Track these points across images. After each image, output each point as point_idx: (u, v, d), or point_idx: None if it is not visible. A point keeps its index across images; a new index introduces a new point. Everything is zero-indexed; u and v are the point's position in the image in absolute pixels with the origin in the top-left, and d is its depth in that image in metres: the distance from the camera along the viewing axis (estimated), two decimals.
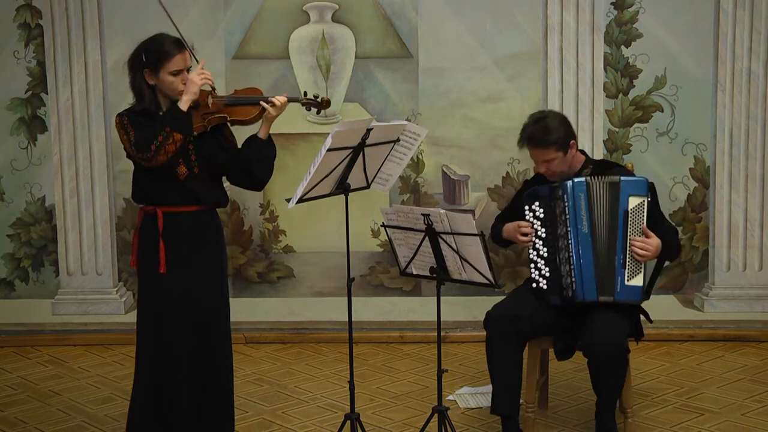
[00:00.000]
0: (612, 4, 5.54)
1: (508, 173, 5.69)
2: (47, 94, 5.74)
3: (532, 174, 5.49)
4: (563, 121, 4.37)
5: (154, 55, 3.86)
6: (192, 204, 3.92)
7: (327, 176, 3.96)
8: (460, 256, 3.84)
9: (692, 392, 4.93)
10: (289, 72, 5.67)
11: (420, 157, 5.69)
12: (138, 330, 4.04)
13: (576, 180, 4.21)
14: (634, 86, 5.59)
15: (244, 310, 5.82)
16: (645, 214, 4.18)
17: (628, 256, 4.17)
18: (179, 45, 3.88)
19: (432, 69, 5.64)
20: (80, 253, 5.84)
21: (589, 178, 4.22)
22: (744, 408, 4.72)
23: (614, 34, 5.55)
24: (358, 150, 3.98)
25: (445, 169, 5.72)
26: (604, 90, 5.58)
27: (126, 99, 5.60)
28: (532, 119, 4.36)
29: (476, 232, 3.76)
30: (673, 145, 5.61)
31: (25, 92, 5.76)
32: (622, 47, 5.56)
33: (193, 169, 3.90)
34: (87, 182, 5.78)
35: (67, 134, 5.75)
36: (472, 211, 5.65)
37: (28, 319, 5.89)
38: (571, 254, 4.18)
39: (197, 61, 3.93)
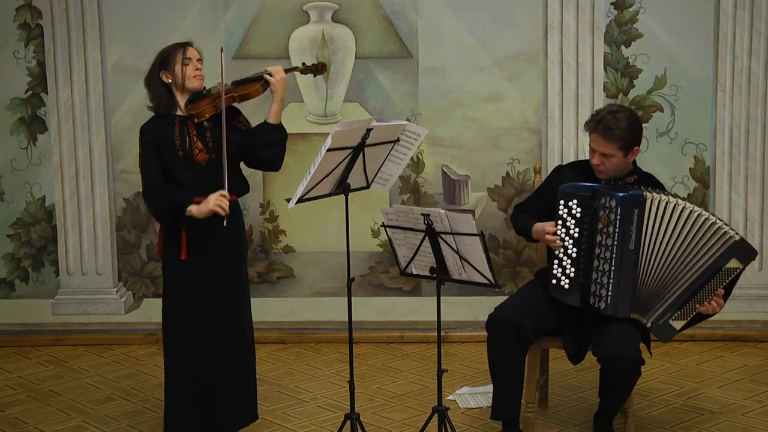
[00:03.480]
0: (612, 4, 5.54)
1: (508, 173, 5.69)
2: (47, 94, 5.74)
3: (532, 174, 5.50)
4: (636, 122, 4.22)
5: (164, 56, 4.12)
6: (212, 192, 4.04)
7: (327, 176, 3.97)
8: (460, 256, 3.84)
9: (692, 392, 4.93)
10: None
11: (420, 157, 5.69)
12: (165, 321, 4.20)
13: (631, 192, 4.03)
14: (634, 86, 5.59)
15: None
16: (731, 279, 4.00)
17: (691, 301, 4.03)
18: (183, 43, 4.15)
19: (432, 69, 5.64)
20: (80, 253, 5.83)
21: (655, 196, 4.03)
22: (744, 408, 4.72)
23: (614, 34, 5.55)
24: (358, 150, 3.98)
25: (445, 169, 5.72)
26: (604, 90, 5.58)
27: (126, 99, 5.66)
28: (609, 109, 4.21)
29: (476, 232, 3.76)
30: (673, 145, 5.61)
31: (25, 92, 5.76)
32: (622, 47, 5.56)
33: (212, 154, 4.07)
34: (87, 182, 5.78)
35: (67, 134, 5.75)
36: (472, 211, 5.66)
37: (28, 319, 5.89)
38: (612, 268, 4.06)
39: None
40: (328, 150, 3.85)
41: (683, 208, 4.01)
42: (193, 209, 3.99)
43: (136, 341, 5.79)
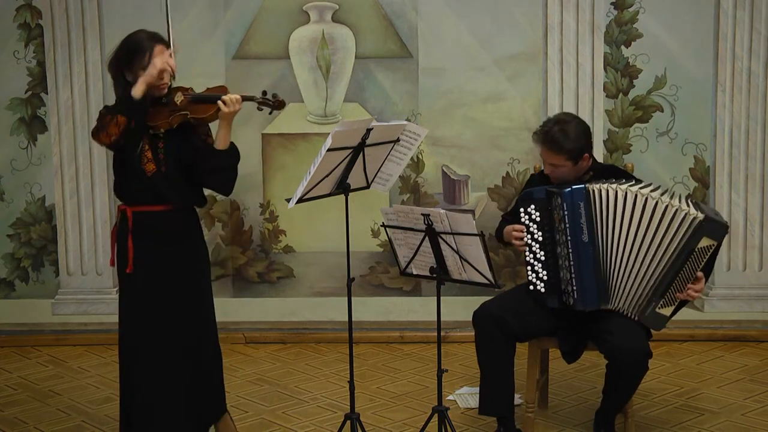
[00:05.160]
0: (612, 4, 5.54)
1: (508, 173, 5.69)
2: (47, 94, 5.74)
3: (532, 173, 5.49)
4: (585, 132, 4.24)
5: (130, 52, 3.85)
6: (159, 203, 3.89)
7: (327, 176, 3.96)
8: (460, 256, 3.84)
9: (692, 392, 4.93)
10: (289, 72, 5.67)
11: (420, 157, 5.69)
12: (119, 330, 4.02)
13: (575, 187, 4.09)
14: (634, 86, 5.59)
15: (244, 310, 5.83)
16: (707, 257, 4.02)
17: (671, 287, 4.04)
18: (154, 38, 3.87)
19: (432, 69, 5.64)
20: (80, 253, 5.84)
21: (607, 186, 4.07)
22: (744, 408, 4.72)
23: (614, 34, 5.56)
24: (358, 150, 3.98)
25: (445, 169, 5.72)
26: (604, 90, 5.58)
27: None
28: (556, 119, 4.24)
29: (476, 232, 3.76)
30: (673, 145, 5.62)
31: (25, 92, 5.76)
32: (622, 47, 5.56)
33: (161, 167, 3.86)
34: (87, 182, 5.78)
35: (67, 134, 5.75)
36: (472, 211, 5.66)
37: (28, 319, 5.89)
38: (571, 262, 4.12)
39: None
40: (328, 150, 3.84)
41: (632, 194, 4.03)
42: (138, 84, 3.72)
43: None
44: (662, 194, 4.06)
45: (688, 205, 4.01)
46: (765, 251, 5.65)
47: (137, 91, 3.76)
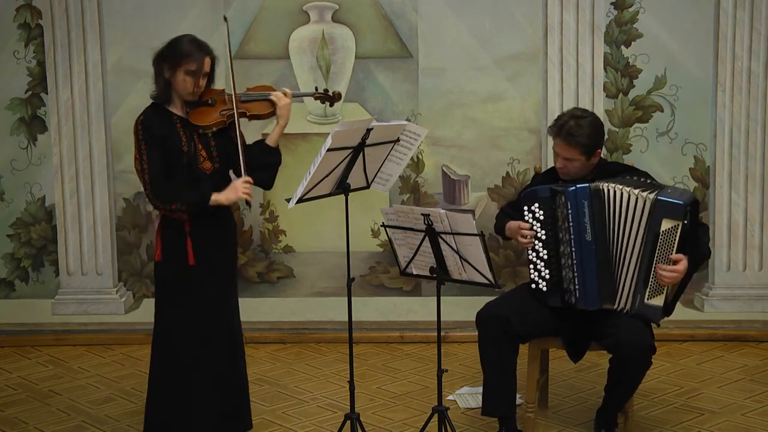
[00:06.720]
0: (612, 4, 5.54)
1: (508, 173, 5.69)
2: (47, 94, 5.74)
3: (532, 174, 5.49)
4: (599, 128, 4.27)
5: (175, 51, 3.96)
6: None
7: (327, 176, 3.97)
8: (460, 256, 3.85)
9: (692, 392, 4.93)
10: (289, 72, 5.67)
11: (420, 157, 5.69)
12: (159, 326, 4.09)
13: (579, 186, 4.11)
14: (634, 86, 5.59)
15: (244, 310, 5.76)
16: (677, 238, 4.00)
17: (652, 275, 4.05)
18: (202, 49, 3.97)
19: (432, 69, 5.64)
20: (80, 253, 5.84)
21: (602, 184, 4.11)
22: (744, 408, 4.72)
23: (614, 34, 5.56)
24: (358, 150, 3.98)
25: (445, 169, 5.72)
26: (604, 90, 5.58)
27: (126, 99, 5.66)
28: (571, 114, 4.27)
29: (476, 232, 3.76)
30: (673, 145, 5.62)
31: (25, 92, 5.76)
32: (622, 47, 5.56)
33: (215, 164, 4.02)
34: (87, 182, 5.78)
35: (67, 134, 5.75)
36: (472, 211, 5.65)
37: (28, 319, 5.89)
38: (574, 261, 4.13)
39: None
40: (328, 150, 3.85)
41: (627, 193, 4.06)
42: (220, 197, 3.95)
43: (136, 341, 5.78)
44: (648, 187, 4.10)
45: (653, 192, 4.03)
46: (765, 251, 5.65)
47: (220, 200, 3.95)
